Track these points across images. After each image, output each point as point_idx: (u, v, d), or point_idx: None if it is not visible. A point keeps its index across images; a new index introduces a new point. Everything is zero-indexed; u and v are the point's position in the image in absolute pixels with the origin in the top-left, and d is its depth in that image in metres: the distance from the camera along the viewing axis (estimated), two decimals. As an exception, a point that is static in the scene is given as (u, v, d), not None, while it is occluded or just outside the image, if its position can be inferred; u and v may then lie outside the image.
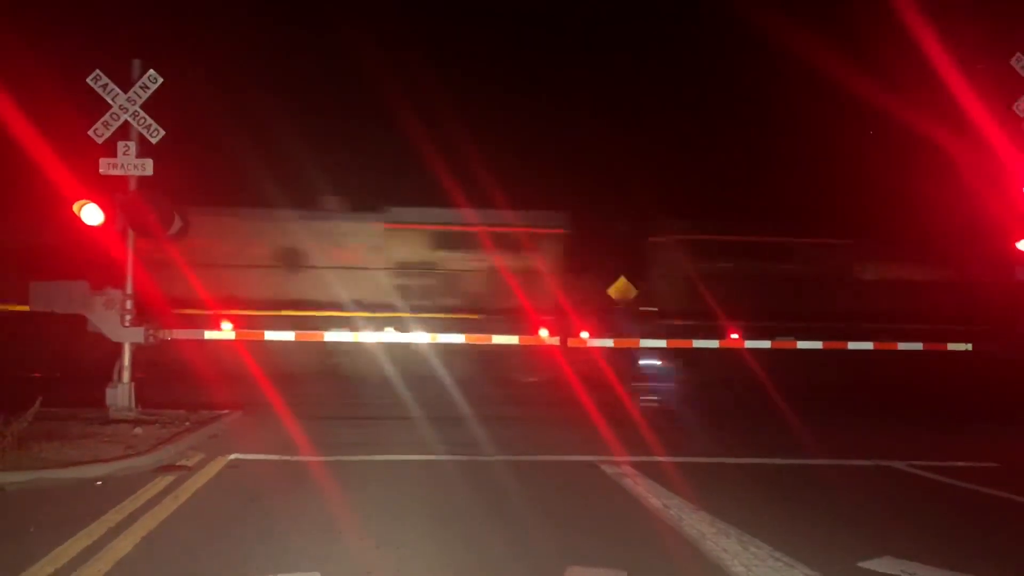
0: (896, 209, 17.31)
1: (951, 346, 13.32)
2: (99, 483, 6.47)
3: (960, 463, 8.25)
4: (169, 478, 6.68)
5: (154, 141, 9.96)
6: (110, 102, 9.88)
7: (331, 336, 13.16)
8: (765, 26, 18.90)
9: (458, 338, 13.90)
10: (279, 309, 15.51)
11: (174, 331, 11.00)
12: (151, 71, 9.99)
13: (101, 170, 9.87)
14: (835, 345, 13.36)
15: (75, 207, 9.54)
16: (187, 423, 9.12)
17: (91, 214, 9.58)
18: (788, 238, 17.90)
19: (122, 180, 10.00)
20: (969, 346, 13.20)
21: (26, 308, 10.41)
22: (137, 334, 10.07)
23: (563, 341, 13.42)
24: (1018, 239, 10.99)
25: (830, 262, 18.02)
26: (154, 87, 9.97)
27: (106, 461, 6.98)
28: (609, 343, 13.54)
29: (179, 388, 12.23)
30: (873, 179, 19.38)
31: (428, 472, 7.37)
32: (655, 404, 13.44)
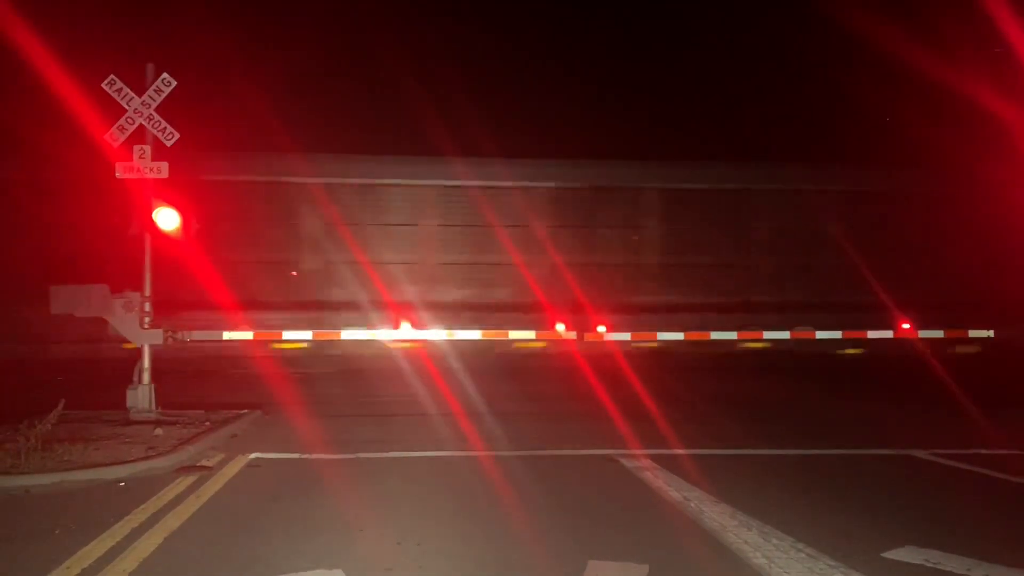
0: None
1: (972, 333, 13.15)
2: (122, 484, 6.54)
3: (983, 451, 8.17)
4: (191, 478, 6.73)
5: (169, 144, 10.01)
6: (125, 106, 9.94)
7: (348, 335, 13.20)
8: None
9: (474, 334, 13.92)
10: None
11: (193, 332, 11.07)
12: (164, 74, 10.03)
13: (117, 174, 9.94)
14: (854, 334, 13.22)
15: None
16: (207, 423, 9.19)
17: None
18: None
19: (138, 183, 10.08)
20: (991, 333, 13.03)
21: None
22: (156, 336, 10.15)
23: (580, 336, 13.39)
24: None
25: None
26: (168, 90, 10.02)
27: (128, 462, 7.05)
28: (626, 337, 13.49)
29: (198, 388, 12.34)
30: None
31: (446, 468, 7.38)
32: None
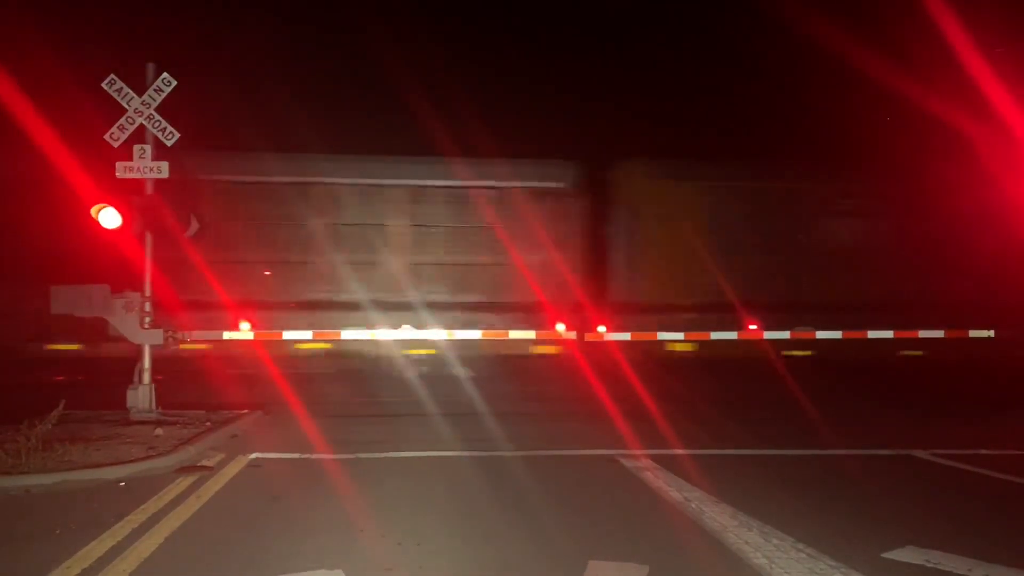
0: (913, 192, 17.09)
1: (972, 333, 13.15)
2: (122, 484, 6.54)
3: (983, 451, 8.16)
4: (191, 478, 6.74)
5: (169, 144, 10.01)
6: (125, 106, 9.94)
7: (348, 334, 13.21)
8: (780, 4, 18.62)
9: (475, 334, 13.92)
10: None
11: (193, 332, 11.07)
12: (165, 74, 10.03)
13: (118, 174, 9.95)
14: (855, 334, 13.22)
15: (93, 211, 9.63)
16: (207, 423, 9.19)
17: (109, 218, 9.66)
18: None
19: (139, 183, 10.09)
20: (991, 333, 13.03)
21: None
22: (156, 336, 10.16)
23: (580, 335, 13.39)
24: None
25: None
26: (168, 90, 10.02)
27: (129, 462, 7.05)
28: (626, 337, 13.47)
29: (198, 388, 12.34)
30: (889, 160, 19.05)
31: (447, 468, 7.38)
32: None
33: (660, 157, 17.68)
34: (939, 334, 13.13)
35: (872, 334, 13.13)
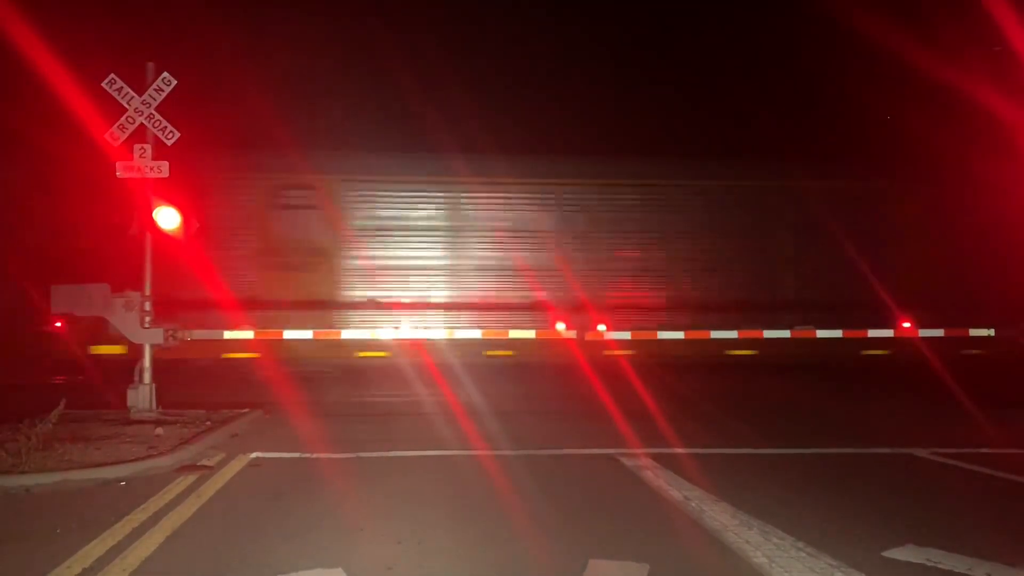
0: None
1: (972, 332, 13.15)
2: (123, 483, 6.54)
3: (984, 450, 8.16)
4: (192, 477, 6.74)
5: (169, 143, 10.01)
6: (125, 105, 9.94)
7: (348, 334, 13.22)
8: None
9: (475, 334, 13.93)
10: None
11: (194, 331, 11.07)
12: (165, 73, 10.03)
13: (118, 173, 9.95)
14: (855, 334, 13.22)
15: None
16: (208, 423, 9.19)
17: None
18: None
19: (139, 183, 10.08)
20: (992, 331, 13.02)
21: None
22: (157, 335, 10.15)
23: (580, 335, 13.40)
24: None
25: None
26: (168, 89, 10.02)
27: (129, 461, 7.05)
28: (626, 336, 13.49)
29: (199, 388, 12.35)
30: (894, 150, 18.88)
31: (447, 468, 7.38)
32: None
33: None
34: (939, 333, 13.11)
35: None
